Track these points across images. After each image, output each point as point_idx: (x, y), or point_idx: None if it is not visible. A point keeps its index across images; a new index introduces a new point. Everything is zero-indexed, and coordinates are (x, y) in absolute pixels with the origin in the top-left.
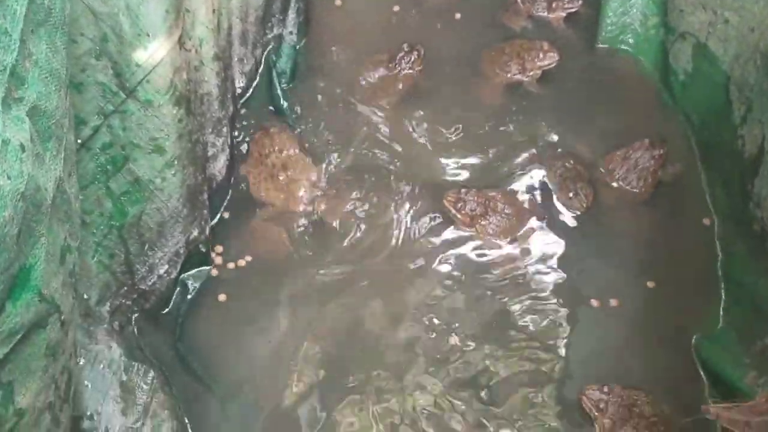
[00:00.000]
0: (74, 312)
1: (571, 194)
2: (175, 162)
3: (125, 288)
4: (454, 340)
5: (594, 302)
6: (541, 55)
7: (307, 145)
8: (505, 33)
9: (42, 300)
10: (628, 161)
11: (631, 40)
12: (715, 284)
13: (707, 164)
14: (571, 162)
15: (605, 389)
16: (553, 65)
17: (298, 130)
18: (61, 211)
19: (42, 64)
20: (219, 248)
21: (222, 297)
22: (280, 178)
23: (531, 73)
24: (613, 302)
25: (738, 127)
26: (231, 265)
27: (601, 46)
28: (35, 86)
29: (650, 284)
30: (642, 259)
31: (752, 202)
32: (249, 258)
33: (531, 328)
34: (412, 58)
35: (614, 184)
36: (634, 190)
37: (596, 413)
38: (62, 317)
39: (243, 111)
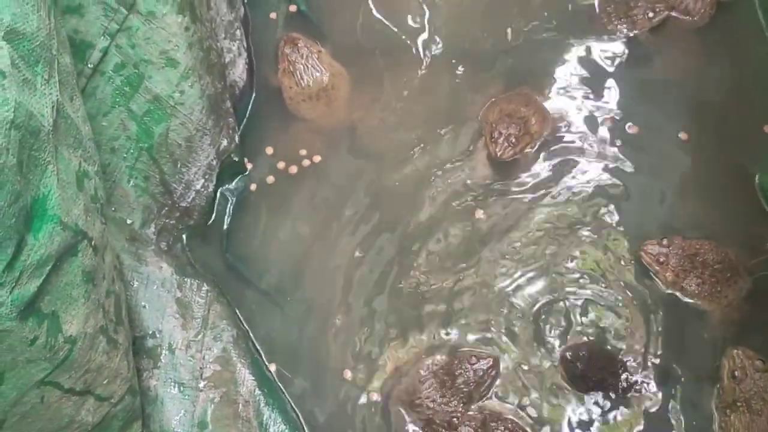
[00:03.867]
0: (105, 237)
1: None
2: (190, 73)
3: (166, 208)
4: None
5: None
6: None
7: (333, 46)
8: None
9: (65, 228)
10: None
11: None
12: None
13: None
14: None
15: (664, 242)
16: None
17: (319, 27)
18: (68, 136)
19: None
20: (251, 154)
21: (261, 204)
22: (320, 100)
23: None
24: (683, 136)
25: None
26: (266, 172)
27: None
28: (8, 8)
29: (705, 125)
30: (699, 96)
31: None
32: (286, 163)
33: (583, 189)
34: None
35: (669, 13)
36: (689, 18)
37: (657, 267)
38: (93, 243)
39: (256, 10)
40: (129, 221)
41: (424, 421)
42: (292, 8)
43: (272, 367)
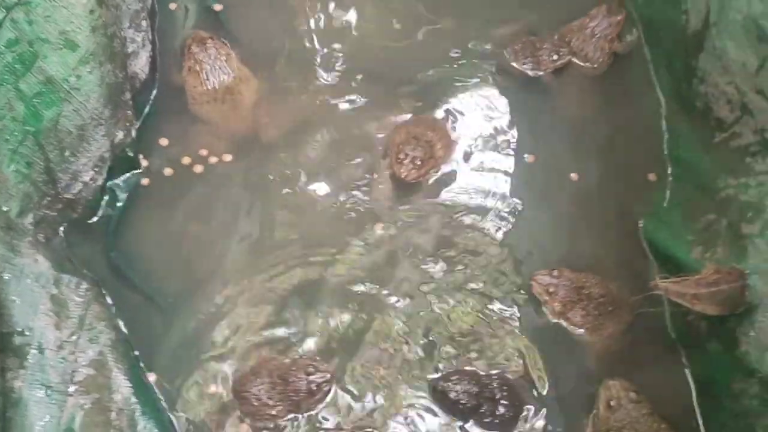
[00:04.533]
0: None
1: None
2: (90, 58)
3: (48, 198)
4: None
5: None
6: None
7: (242, 49)
8: None
9: None
10: (583, 31)
11: None
12: (662, 163)
13: (651, 42)
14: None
15: (554, 273)
16: None
17: (230, 29)
18: None
19: None
20: (147, 150)
21: (153, 202)
22: (224, 103)
23: None
24: (574, 176)
25: (682, 2)
26: (162, 169)
27: None
28: None
29: (596, 167)
30: (588, 141)
31: (696, 78)
32: (183, 161)
33: (480, 215)
34: None
35: (573, 59)
36: (589, 65)
37: (546, 297)
38: None
39: (164, 3)
40: (5, 208)
41: (250, 415)
42: (218, 7)
43: (151, 377)
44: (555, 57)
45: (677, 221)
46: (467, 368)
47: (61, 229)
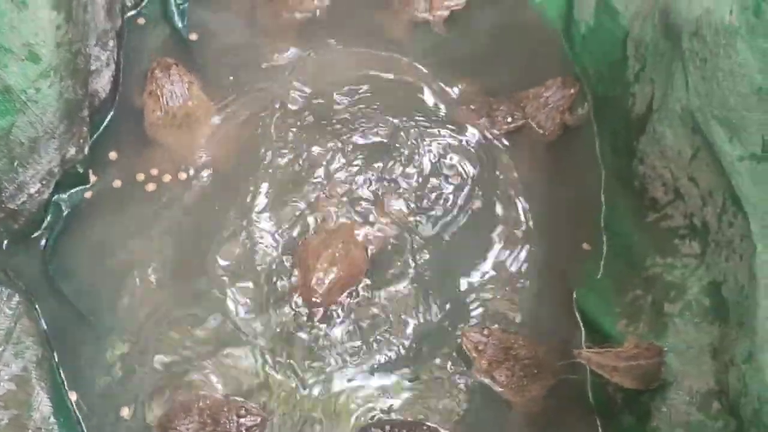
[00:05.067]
0: None
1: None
2: (52, 72)
3: None
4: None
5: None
6: None
7: (205, 78)
8: None
9: None
10: (538, 99)
11: None
12: (599, 235)
13: (599, 118)
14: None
15: (485, 331)
16: (460, 6)
17: (195, 57)
18: None
19: None
20: (98, 167)
21: (96, 219)
22: (180, 128)
23: (438, 13)
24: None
25: (631, 84)
26: (109, 186)
27: None
28: None
29: (537, 230)
30: (532, 204)
31: (636, 159)
32: (129, 180)
33: (419, 269)
34: None
35: (526, 121)
36: (540, 131)
37: (475, 354)
38: None
39: (134, 25)
40: None
41: None
42: (193, 36)
43: (73, 396)
44: (510, 119)
45: (608, 293)
46: (397, 418)
47: (4, 241)
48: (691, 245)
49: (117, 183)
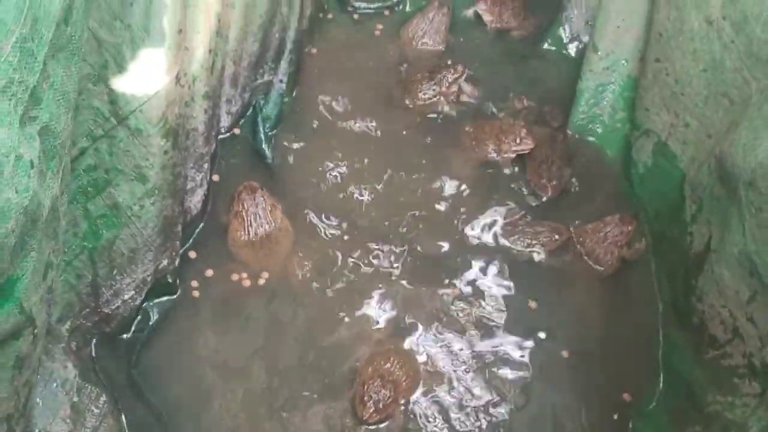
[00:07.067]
0: (44, 327)
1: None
2: (156, 192)
3: (87, 309)
4: None
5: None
6: (517, 140)
7: (286, 201)
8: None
9: (21, 312)
10: (597, 234)
11: (599, 130)
12: (656, 368)
13: (658, 254)
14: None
15: None
16: (527, 150)
17: (279, 181)
18: (50, 227)
19: (57, 86)
20: (185, 277)
21: (182, 326)
22: (261, 249)
23: (506, 155)
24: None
25: (689, 224)
26: (194, 296)
27: (571, 133)
28: (49, 107)
29: (594, 361)
30: (592, 333)
31: (694, 296)
32: (213, 291)
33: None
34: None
35: (583, 257)
36: (598, 267)
37: None
38: (35, 331)
39: (226, 150)
40: (48, 314)
41: None
42: (278, 161)
43: None
44: (557, 237)
45: (666, 427)
46: None
47: (93, 340)
48: (751, 385)
49: (202, 293)
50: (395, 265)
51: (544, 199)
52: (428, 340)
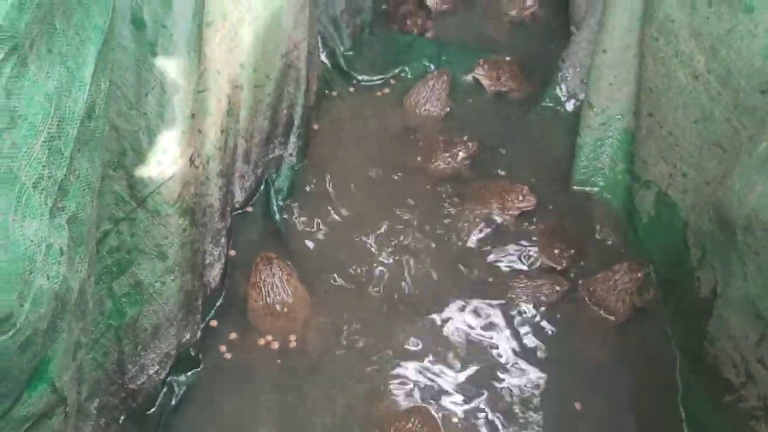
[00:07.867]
0: (74, 406)
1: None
2: (176, 268)
3: (115, 386)
4: None
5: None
6: (520, 198)
7: (301, 269)
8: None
9: (54, 391)
10: (607, 283)
11: (601, 183)
12: (677, 414)
13: (668, 300)
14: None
15: None
16: (531, 207)
17: (294, 251)
18: (79, 309)
19: (82, 177)
20: (207, 350)
21: (205, 399)
22: (280, 318)
23: (510, 213)
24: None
25: (695, 270)
26: (217, 367)
27: (575, 188)
28: (75, 197)
29: (614, 410)
30: (608, 385)
31: (707, 341)
32: (235, 362)
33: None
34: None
35: (592, 307)
36: (609, 316)
37: None
38: (66, 410)
39: (240, 225)
40: (78, 392)
41: None
42: (291, 232)
43: None
44: (558, 288)
45: None
46: None
47: (121, 417)
48: (767, 428)
49: (224, 364)
50: (416, 325)
51: (558, 269)
52: (451, 403)
